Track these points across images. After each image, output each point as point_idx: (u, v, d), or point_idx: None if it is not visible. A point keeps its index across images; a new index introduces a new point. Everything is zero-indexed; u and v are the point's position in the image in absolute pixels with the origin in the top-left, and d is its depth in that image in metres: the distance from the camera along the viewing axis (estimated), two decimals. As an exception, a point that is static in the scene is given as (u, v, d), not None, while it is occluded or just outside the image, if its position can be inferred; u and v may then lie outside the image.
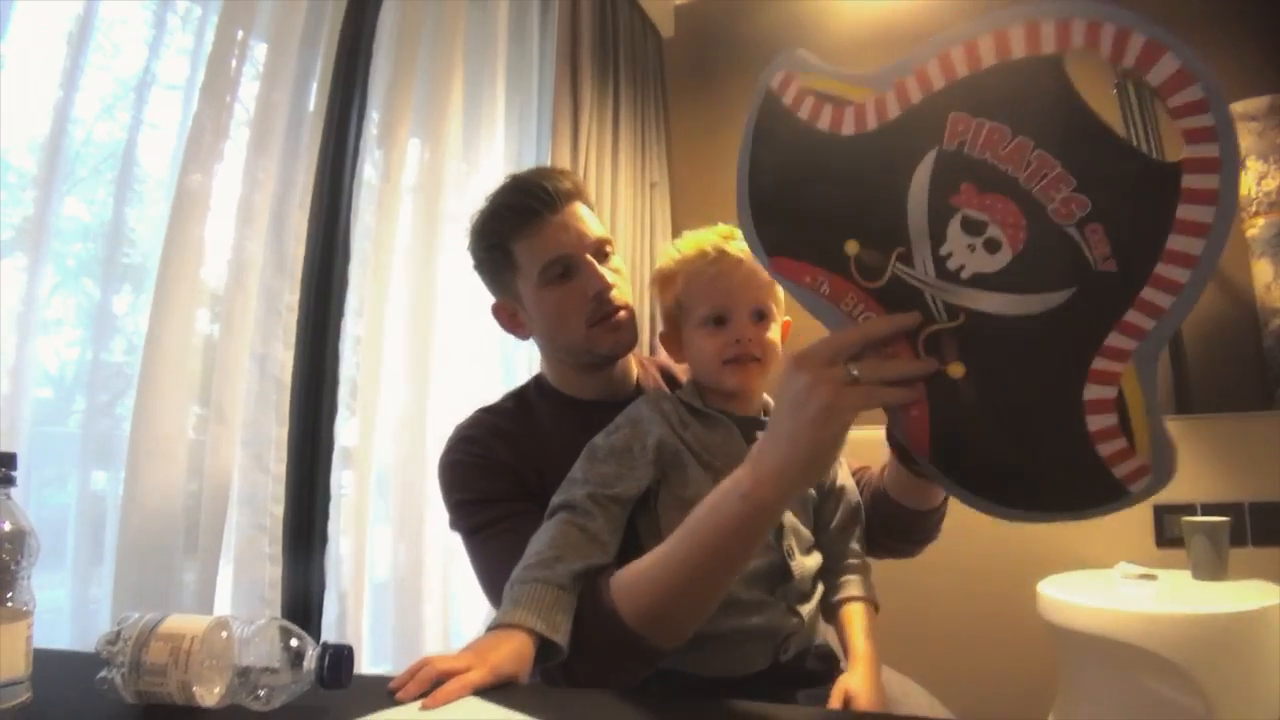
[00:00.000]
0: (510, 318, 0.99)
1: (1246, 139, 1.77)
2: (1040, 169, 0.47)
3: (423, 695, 0.58)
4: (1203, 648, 1.30)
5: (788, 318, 0.87)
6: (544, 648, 0.67)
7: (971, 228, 0.49)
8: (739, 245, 0.83)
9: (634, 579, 0.71)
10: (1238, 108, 1.78)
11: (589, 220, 0.93)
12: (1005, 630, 1.76)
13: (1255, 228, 1.76)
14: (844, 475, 0.92)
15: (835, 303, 0.55)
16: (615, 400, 0.97)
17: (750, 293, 0.83)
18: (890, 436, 0.77)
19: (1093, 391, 0.48)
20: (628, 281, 0.96)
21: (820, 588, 0.87)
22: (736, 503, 0.64)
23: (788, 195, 0.56)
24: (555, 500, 0.80)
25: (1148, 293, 0.45)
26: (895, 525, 0.92)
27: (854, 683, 0.76)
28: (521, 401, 0.99)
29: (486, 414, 0.97)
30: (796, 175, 0.56)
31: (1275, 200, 1.73)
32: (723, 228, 0.87)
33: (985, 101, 0.48)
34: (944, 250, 0.50)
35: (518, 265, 0.92)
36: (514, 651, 0.65)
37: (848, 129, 0.53)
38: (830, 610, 0.87)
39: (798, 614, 0.81)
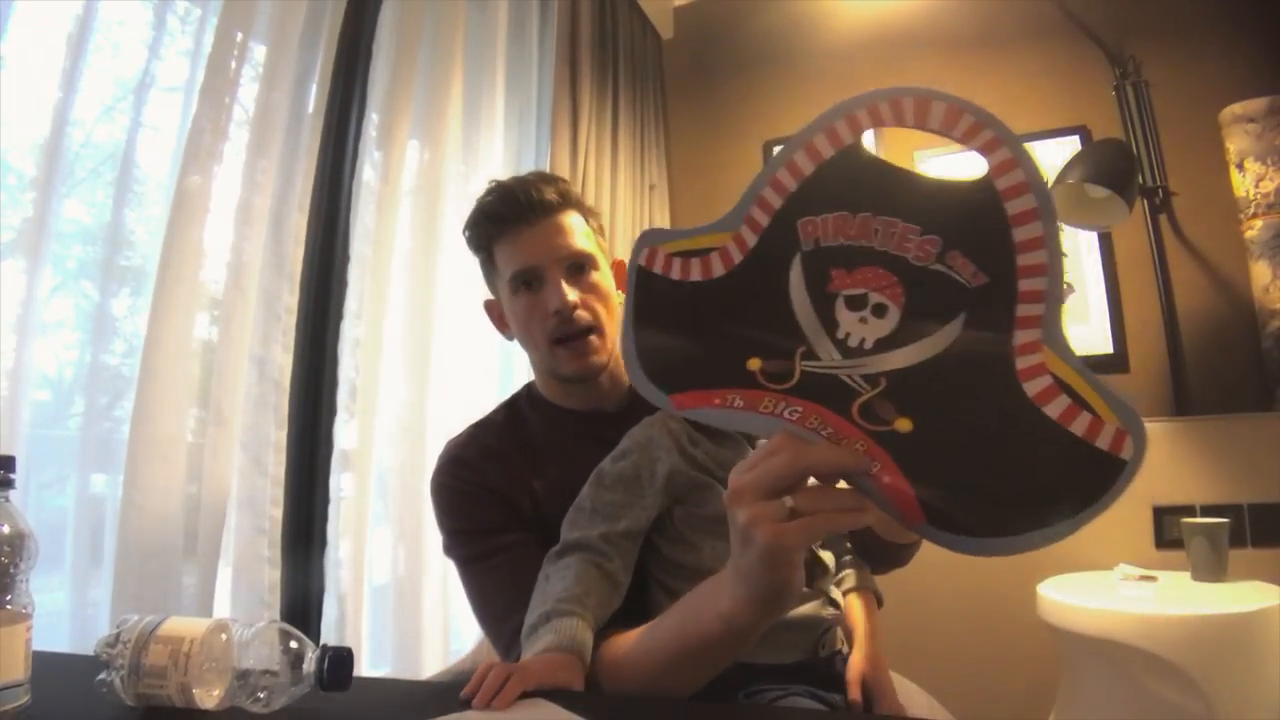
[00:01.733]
0: (499, 318, 0.99)
1: (1244, 140, 1.78)
2: (887, 230, 0.52)
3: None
4: (1202, 649, 1.30)
5: None
6: None
7: (855, 303, 0.53)
8: None
9: (619, 662, 0.72)
10: (1236, 109, 1.79)
11: (571, 234, 0.91)
12: (1005, 632, 1.76)
13: (1253, 230, 1.76)
14: None
15: (753, 410, 0.56)
16: (608, 410, 0.95)
17: None
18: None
19: (1032, 387, 0.50)
20: (608, 300, 0.93)
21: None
22: (715, 622, 0.62)
23: (676, 346, 0.60)
24: (569, 536, 0.80)
25: (1023, 284, 0.49)
26: (873, 554, 0.94)
27: (861, 665, 0.83)
28: (513, 413, 0.98)
29: (478, 431, 0.96)
30: (680, 327, 0.60)
31: (1273, 202, 1.73)
32: None
33: (820, 199, 0.54)
34: (840, 334, 0.54)
35: (498, 268, 0.93)
36: (570, 665, 0.67)
37: (716, 271, 0.58)
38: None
39: (836, 605, 0.85)
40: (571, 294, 0.88)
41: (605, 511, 0.80)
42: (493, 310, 1.00)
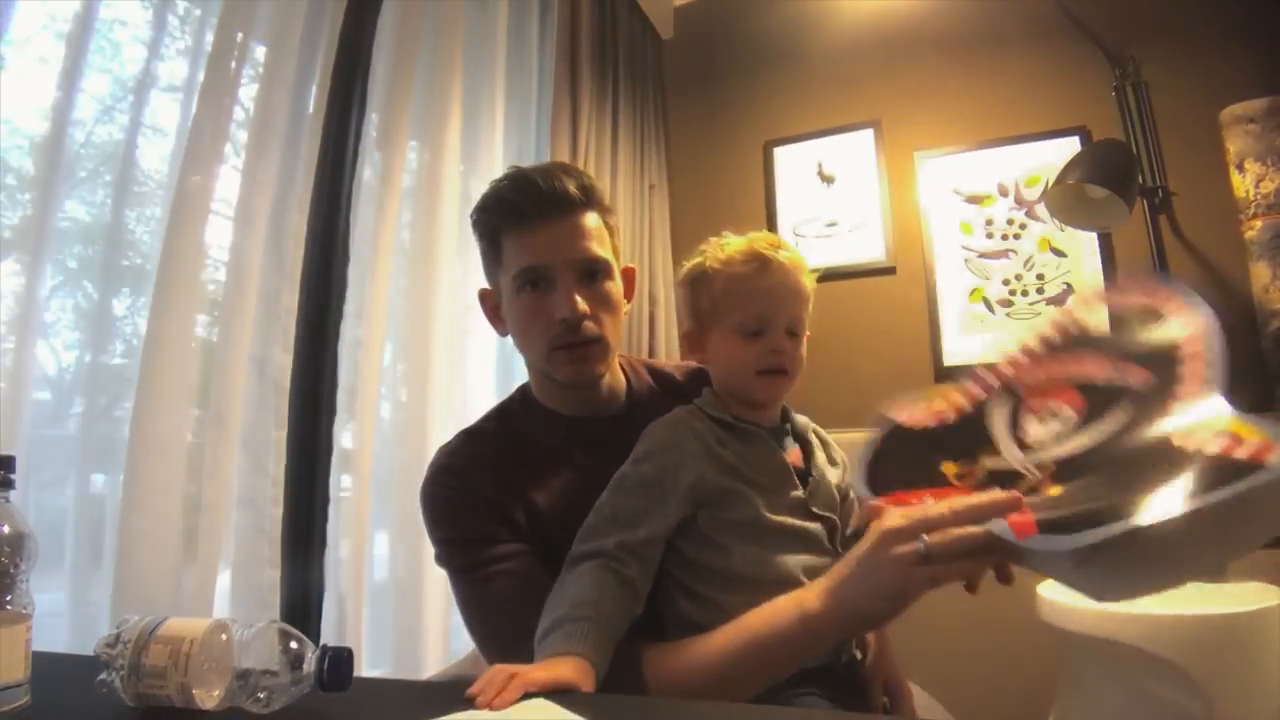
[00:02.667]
0: (493, 310, 0.94)
1: (1244, 141, 1.77)
2: (1078, 364, 0.67)
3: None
4: (1203, 649, 1.30)
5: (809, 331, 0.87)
6: None
7: (1042, 415, 0.66)
8: (785, 255, 0.84)
9: (677, 667, 0.72)
10: (1236, 109, 1.79)
11: (589, 237, 0.85)
12: (1005, 632, 1.76)
13: (1253, 230, 1.76)
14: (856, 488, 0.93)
15: None
16: (605, 416, 0.92)
17: (789, 307, 0.82)
18: None
19: (1177, 439, 0.57)
20: (617, 310, 0.89)
21: None
22: (796, 624, 0.67)
23: (893, 462, 0.73)
24: (588, 544, 0.77)
25: (1185, 380, 0.60)
26: None
27: (884, 670, 0.86)
28: (505, 419, 0.94)
29: (468, 440, 0.92)
30: (896, 452, 0.74)
31: (1273, 202, 1.73)
32: (769, 235, 0.86)
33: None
34: (1021, 433, 0.65)
35: (503, 261, 0.87)
36: (578, 667, 0.66)
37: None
38: None
39: None
40: (582, 303, 0.83)
41: (624, 518, 0.77)
42: (487, 301, 0.94)
